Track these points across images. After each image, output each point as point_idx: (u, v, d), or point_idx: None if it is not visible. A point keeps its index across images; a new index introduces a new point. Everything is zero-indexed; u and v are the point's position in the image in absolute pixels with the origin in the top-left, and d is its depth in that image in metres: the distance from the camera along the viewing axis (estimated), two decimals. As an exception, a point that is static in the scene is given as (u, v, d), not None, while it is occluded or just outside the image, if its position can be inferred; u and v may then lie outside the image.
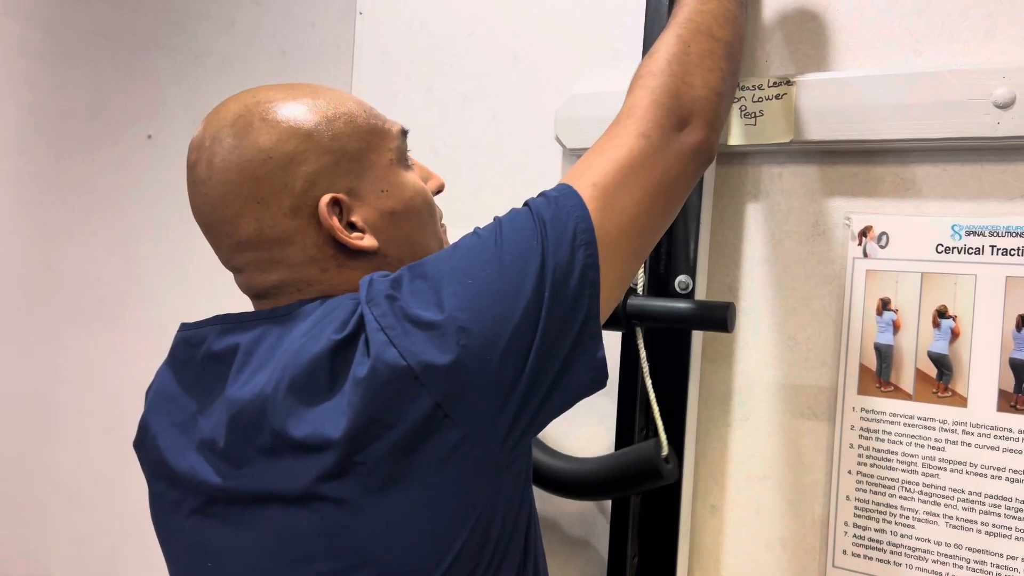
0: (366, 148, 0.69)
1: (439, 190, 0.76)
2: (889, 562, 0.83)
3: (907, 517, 0.82)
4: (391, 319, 0.58)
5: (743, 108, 0.88)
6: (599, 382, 0.62)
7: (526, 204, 0.64)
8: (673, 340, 0.89)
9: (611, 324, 0.82)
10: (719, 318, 0.79)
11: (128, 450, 0.87)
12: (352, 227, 0.67)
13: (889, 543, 0.83)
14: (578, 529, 0.99)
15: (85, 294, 2.00)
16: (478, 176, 1.09)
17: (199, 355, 0.69)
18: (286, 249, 0.66)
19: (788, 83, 0.86)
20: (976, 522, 0.79)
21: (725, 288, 0.92)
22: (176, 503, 0.69)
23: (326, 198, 0.65)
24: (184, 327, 0.73)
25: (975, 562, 0.79)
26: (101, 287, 1.97)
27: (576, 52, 1.02)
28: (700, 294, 0.90)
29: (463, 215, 1.03)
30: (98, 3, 2.00)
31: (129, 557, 1.85)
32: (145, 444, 0.73)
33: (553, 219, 0.61)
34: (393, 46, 1.18)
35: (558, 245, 0.60)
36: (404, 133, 0.73)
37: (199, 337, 0.70)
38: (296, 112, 0.66)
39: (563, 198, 0.63)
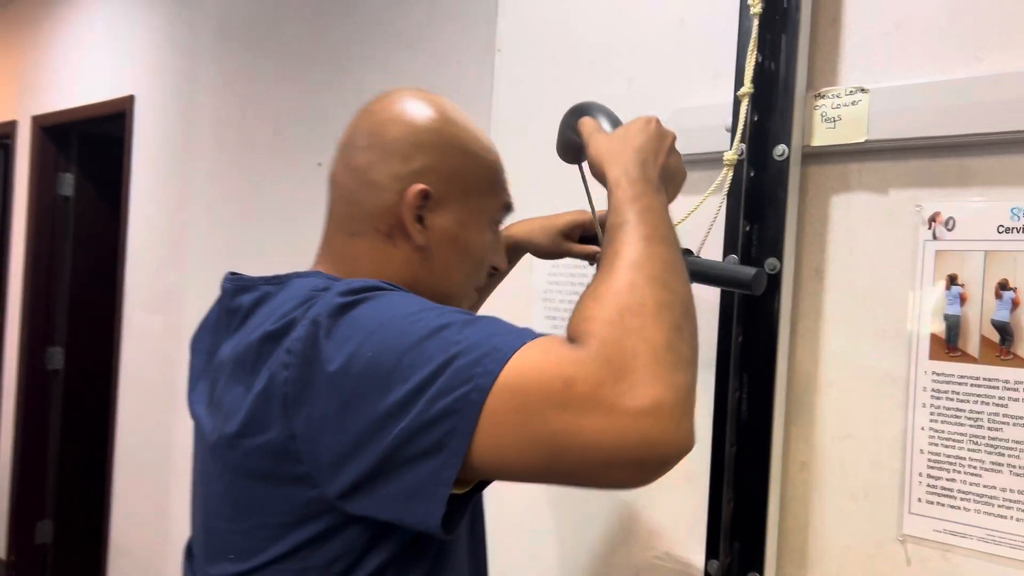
0: (477, 190, 0.83)
1: (494, 269, 0.88)
2: (959, 508, 0.93)
3: (975, 467, 0.92)
4: (299, 346, 0.65)
5: (823, 114, 1.02)
6: (433, 532, 0.63)
7: (471, 323, 0.64)
8: (762, 323, 1.03)
9: None
10: (745, 281, 0.93)
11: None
12: (420, 220, 0.78)
13: (959, 491, 0.93)
14: (682, 477, 1.14)
15: (264, 301, 2.32)
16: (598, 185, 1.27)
17: (223, 306, 0.82)
18: (368, 193, 0.79)
19: (863, 91, 0.99)
20: (1037, 470, 0.89)
21: (812, 271, 1.05)
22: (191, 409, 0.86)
23: (420, 186, 0.78)
24: (225, 277, 0.85)
25: (1037, 506, 0.89)
26: (277, 296, 2.28)
27: (681, 72, 1.19)
28: (788, 277, 1.03)
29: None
30: (281, 52, 2.33)
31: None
32: (191, 350, 0.89)
33: (461, 368, 0.60)
34: (527, 77, 1.39)
35: (436, 399, 0.60)
36: (508, 207, 0.88)
37: (225, 292, 0.83)
38: (454, 124, 0.82)
39: (488, 360, 0.60)
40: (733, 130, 1.04)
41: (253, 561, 0.71)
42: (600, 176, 0.80)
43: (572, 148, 0.96)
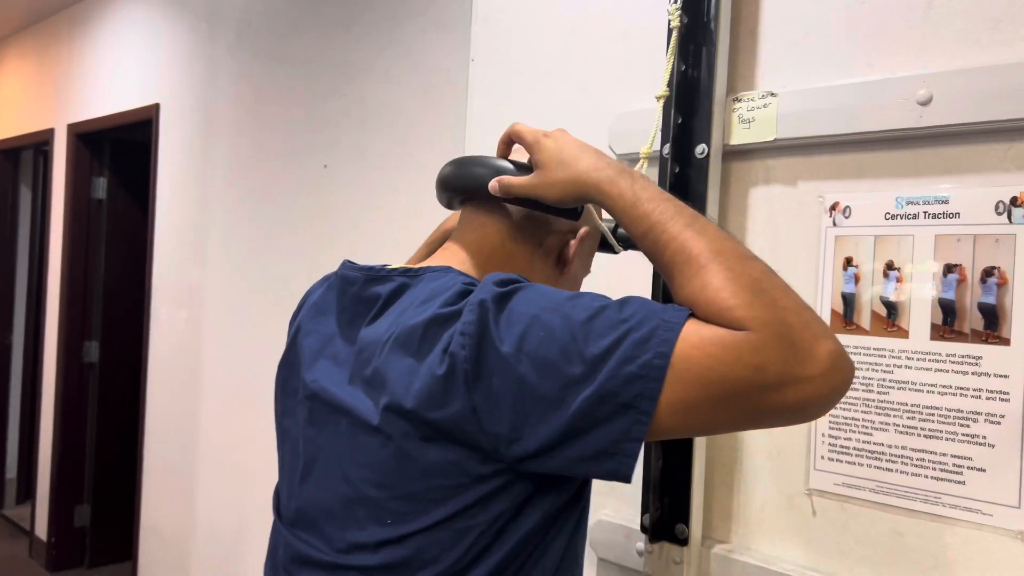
0: (592, 253, 0.98)
1: None
2: (854, 463, 1.05)
3: (866, 427, 1.04)
4: (472, 328, 0.71)
5: (740, 116, 1.15)
6: (622, 480, 0.71)
7: (624, 303, 0.71)
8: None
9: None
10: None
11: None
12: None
13: (854, 448, 1.06)
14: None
15: (277, 294, 2.49)
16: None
17: (350, 293, 0.87)
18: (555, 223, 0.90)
19: (772, 95, 1.12)
20: (916, 428, 1.00)
21: (735, 256, 1.18)
22: (296, 389, 0.90)
23: (589, 229, 0.92)
24: (346, 266, 0.90)
25: (916, 459, 1.00)
26: (288, 289, 2.45)
27: (625, 80, 1.32)
28: (711, 260, 1.16)
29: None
30: (291, 62, 2.49)
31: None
32: (296, 330, 0.94)
33: (638, 340, 0.67)
34: (496, 84, 1.53)
35: (621, 366, 0.67)
36: None
37: (352, 280, 0.87)
38: None
39: (661, 331, 0.67)
40: (664, 131, 1.17)
41: (416, 523, 0.75)
42: (573, 200, 0.85)
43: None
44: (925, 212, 1.01)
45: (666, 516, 1.16)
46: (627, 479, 0.70)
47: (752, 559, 1.11)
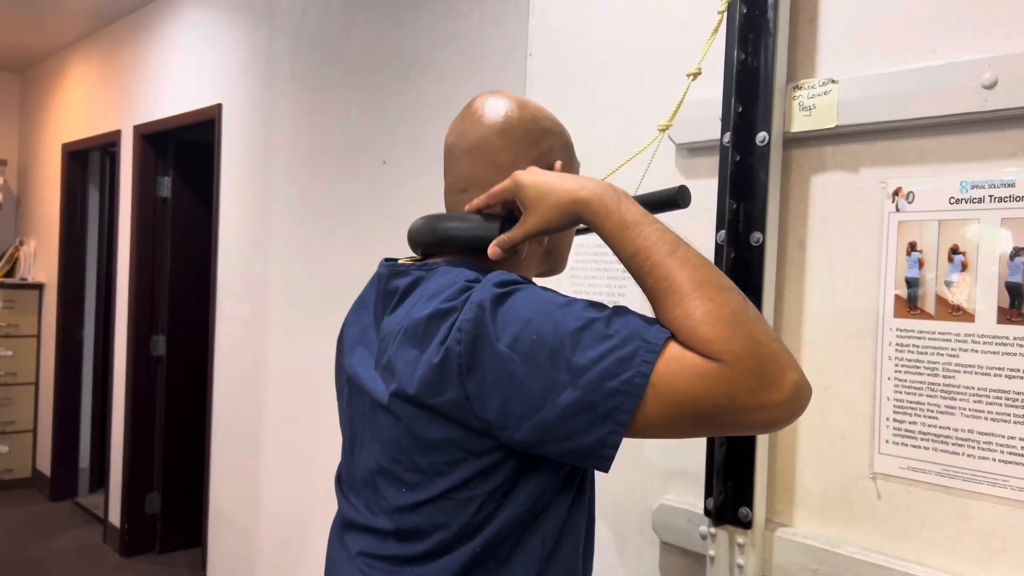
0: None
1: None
2: (920, 447, 1.06)
3: (932, 411, 1.05)
4: (469, 325, 0.79)
5: (801, 103, 1.15)
6: (599, 470, 0.79)
7: (613, 316, 0.77)
8: (751, 290, 1.17)
9: None
10: (672, 198, 0.95)
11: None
12: None
13: (919, 432, 1.06)
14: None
15: (336, 288, 2.55)
16: (610, 169, 1.43)
17: (381, 287, 0.97)
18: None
19: (833, 82, 1.12)
20: (983, 411, 1.00)
21: (796, 243, 1.19)
22: (342, 373, 1.02)
23: (559, 163, 0.97)
24: (382, 264, 1.00)
25: (984, 443, 1.00)
26: (348, 282, 2.51)
27: (684, 70, 1.33)
28: (772, 247, 1.17)
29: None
30: (349, 59, 2.54)
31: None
32: (345, 323, 1.05)
33: (622, 357, 0.74)
34: (552, 78, 1.56)
35: (603, 380, 0.74)
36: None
37: (381, 275, 0.98)
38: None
39: (643, 351, 0.74)
40: (724, 120, 1.19)
41: (425, 493, 0.85)
42: (568, 224, 0.88)
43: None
44: (991, 196, 1.00)
45: (730, 500, 1.18)
46: (606, 471, 0.78)
47: (816, 542, 1.12)
